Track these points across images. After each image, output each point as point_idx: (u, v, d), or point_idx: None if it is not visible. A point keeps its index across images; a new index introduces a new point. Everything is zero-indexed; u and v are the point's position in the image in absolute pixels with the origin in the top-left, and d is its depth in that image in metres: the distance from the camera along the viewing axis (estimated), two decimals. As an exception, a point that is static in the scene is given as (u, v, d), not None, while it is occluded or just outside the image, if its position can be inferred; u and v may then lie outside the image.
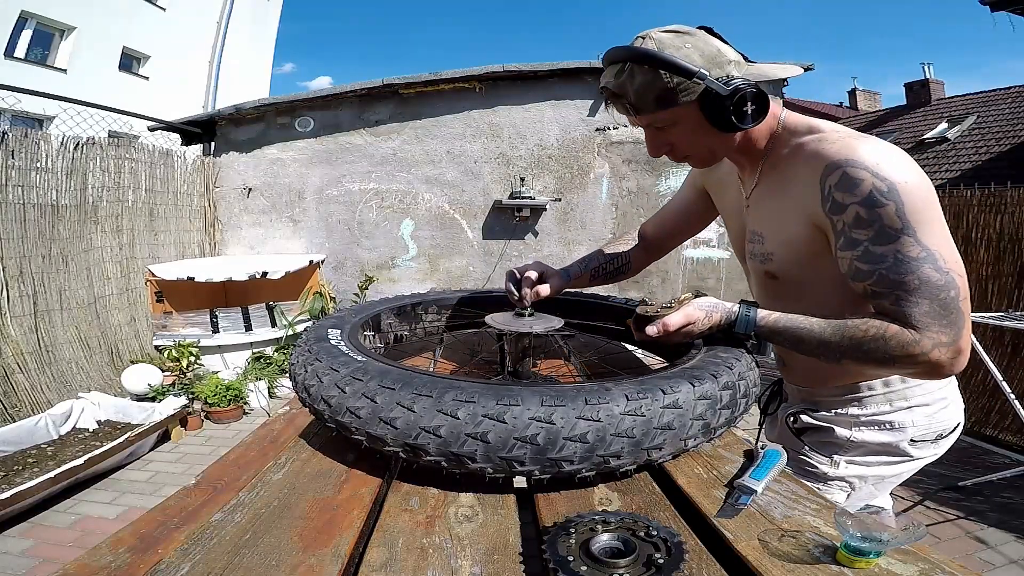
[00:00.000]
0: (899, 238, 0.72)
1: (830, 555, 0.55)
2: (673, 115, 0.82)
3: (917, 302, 0.72)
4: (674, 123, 0.84)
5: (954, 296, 0.72)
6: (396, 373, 0.73)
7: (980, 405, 3.15)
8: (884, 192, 0.71)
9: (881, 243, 0.73)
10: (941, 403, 0.93)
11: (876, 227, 0.73)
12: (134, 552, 0.58)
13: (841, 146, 0.76)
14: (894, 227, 0.72)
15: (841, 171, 0.74)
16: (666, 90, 0.79)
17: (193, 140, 5.02)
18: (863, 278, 0.76)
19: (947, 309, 0.72)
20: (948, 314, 0.72)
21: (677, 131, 0.85)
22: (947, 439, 0.96)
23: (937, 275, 0.72)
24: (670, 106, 0.81)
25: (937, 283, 0.72)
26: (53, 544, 2.15)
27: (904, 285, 0.73)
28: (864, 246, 0.75)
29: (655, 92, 0.79)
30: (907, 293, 0.73)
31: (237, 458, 0.83)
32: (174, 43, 14.50)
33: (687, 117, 0.82)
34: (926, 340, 0.73)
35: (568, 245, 5.05)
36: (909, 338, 0.73)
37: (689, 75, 0.77)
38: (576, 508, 0.66)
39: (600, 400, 0.66)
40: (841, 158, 0.75)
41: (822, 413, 0.98)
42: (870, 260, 0.74)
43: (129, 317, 3.82)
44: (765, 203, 0.91)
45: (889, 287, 0.74)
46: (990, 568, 2.01)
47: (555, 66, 4.73)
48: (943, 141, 10.13)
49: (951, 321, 0.72)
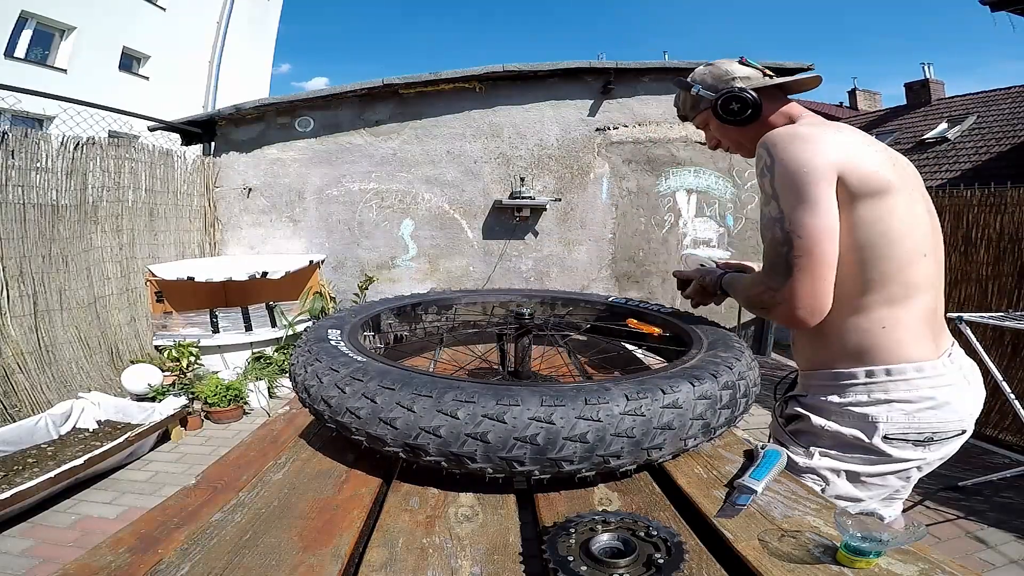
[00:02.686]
0: (769, 202, 0.91)
1: (830, 555, 0.55)
2: (702, 118, 1.12)
3: (767, 254, 0.92)
4: (706, 123, 1.12)
5: (786, 252, 0.88)
6: (396, 373, 0.73)
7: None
8: (768, 166, 0.91)
9: (764, 204, 0.93)
10: (927, 403, 0.90)
11: (763, 193, 0.93)
12: (134, 552, 0.58)
13: (772, 132, 0.94)
14: (768, 193, 0.91)
15: (758, 149, 0.95)
16: (693, 100, 1.11)
17: (193, 140, 5.02)
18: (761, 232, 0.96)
19: (780, 260, 0.89)
20: (780, 265, 0.89)
21: (712, 128, 1.12)
22: (943, 444, 0.92)
23: (780, 234, 0.88)
24: (697, 112, 1.12)
25: (778, 239, 0.89)
26: (53, 544, 2.15)
27: (765, 239, 0.93)
28: (761, 208, 0.95)
29: (685, 103, 1.14)
30: (766, 244, 0.93)
31: (237, 458, 0.83)
32: (174, 43, 14.49)
33: (710, 118, 1.10)
34: (764, 285, 0.93)
35: (568, 245, 5.05)
36: (758, 279, 0.95)
37: (688, 88, 1.10)
38: (576, 508, 0.66)
39: (600, 400, 0.66)
40: (761, 140, 0.94)
41: (806, 400, 0.99)
42: (761, 217, 0.95)
43: (129, 317, 3.82)
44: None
45: (763, 239, 0.95)
46: (990, 568, 2.01)
47: (555, 66, 4.73)
48: (943, 141, 10.13)
49: (780, 271, 0.89)
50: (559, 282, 5.04)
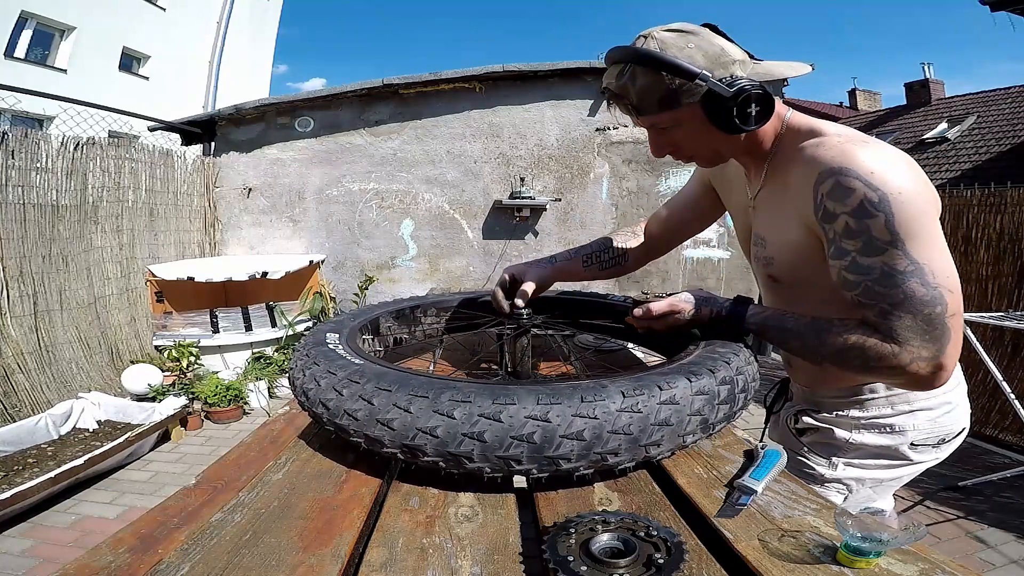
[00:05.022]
0: (887, 250, 0.71)
1: (830, 555, 0.55)
2: (676, 117, 0.80)
3: (900, 316, 0.72)
4: (677, 124, 0.82)
5: (940, 312, 0.71)
6: (393, 375, 0.72)
7: (980, 405, 3.14)
8: (875, 203, 0.70)
9: (869, 255, 0.72)
10: (945, 407, 0.92)
11: (864, 238, 0.72)
12: (134, 552, 0.58)
13: (836, 152, 0.74)
14: (883, 239, 0.71)
15: (834, 179, 0.73)
16: (669, 92, 0.77)
17: (193, 140, 5.02)
18: (850, 288, 0.75)
19: (931, 324, 0.71)
20: (932, 329, 0.71)
21: (681, 132, 0.83)
22: (950, 444, 0.94)
23: (924, 290, 0.71)
24: (673, 108, 0.79)
25: (923, 298, 0.71)
26: (53, 544, 2.15)
27: (889, 298, 0.72)
28: (852, 256, 0.74)
29: (658, 94, 0.78)
30: (891, 306, 0.72)
31: (237, 458, 0.83)
32: (174, 43, 14.50)
33: (690, 118, 0.80)
34: (905, 354, 0.72)
35: (568, 245, 5.04)
36: (888, 351, 0.73)
37: (691, 77, 0.75)
38: (576, 508, 0.66)
39: (596, 397, 0.66)
40: (835, 165, 0.73)
41: (823, 414, 0.97)
42: (857, 271, 0.74)
43: (129, 317, 3.82)
44: (768, 206, 0.90)
45: (874, 299, 0.73)
46: (990, 568, 2.01)
47: (555, 66, 4.73)
48: (943, 141, 10.13)
49: (934, 337, 0.72)
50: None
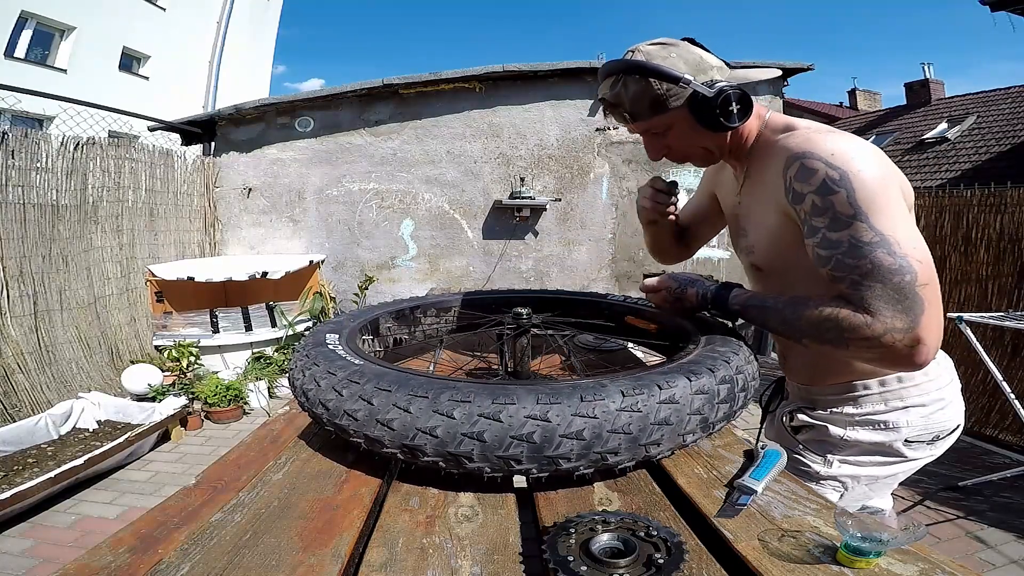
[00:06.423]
0: (852, 223, 0.74)
1: (830, 555, 0.55)
2: (666, 120, 0.88)
3: (870, 285, 0.74)
4: (668, 127, 0.89)
5: (909, 280, 0.72)
6: (392, 375, 0.72)
7: (980, 405, 3.14)
8: (836, 180, 0.74)
9: (836, 229, 0.76)
10: (938, 404, 0.93)
11: (830, 214, 0.76)
12: (134, 552, 0.58)
13: (802, 139, 0.81)
14: (846, 213, 0.74)
15: (799, 163, 0.79)
16: (657, 97, 0.85)
17: (193, 140, 5.02)
18: (823, 264, 0.78)
19: (901, 293, 0.72)
20: (903, 299, 0.72)
21: (672, 134, 0.90)
22: (945, 440, 0.96)
23: (891, 259, 0.72)
24: (663, 111, 0.86)
25: (890, 267, 0.72)
26: (53, 544, 2.15)
27: (858, 269, 0.74)
28: (822, 233, 0.77)
29: (648, 99, 0.85)
30: (861, 277, 0.74)
31: (237, 458, 0.83)
32: (174, 43, 14.49)
33: (679, 120, 0.88)
34: (878, 324, 0.73)
35: (568, 245, 5.05)
36: (860, 321, 0.74)
37: (676, 81, 0.83)
38: (576, 508, 0.66)
39: (596, 396, 0.66)
40: (800, 151, 0.79)
41: (818, 411, 0.98)
42: (828, 246, 0.77)
43: (129, 317, 3.82)
44: (748, 199, 0.97)
45: (845, 271, 0.76)
46: (990, 568, 2.01)
47: (555, 66, 4.73)
48: (943, 141, 10.12)
49: (906, 307, 0.72)
50: (559, 282, 5.04)
